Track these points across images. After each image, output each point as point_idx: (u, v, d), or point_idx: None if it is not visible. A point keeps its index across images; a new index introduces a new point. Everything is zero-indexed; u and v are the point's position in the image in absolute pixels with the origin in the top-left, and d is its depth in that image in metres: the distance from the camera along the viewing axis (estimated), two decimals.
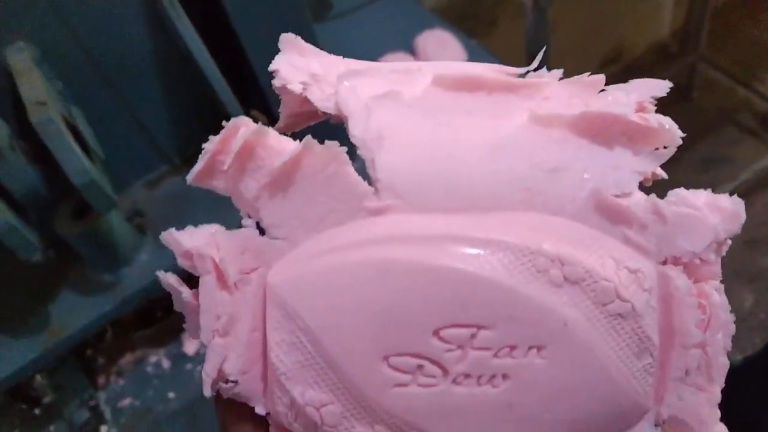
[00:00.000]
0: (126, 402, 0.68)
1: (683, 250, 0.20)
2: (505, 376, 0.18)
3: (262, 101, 0.70)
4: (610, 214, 0.19)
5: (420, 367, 0.18)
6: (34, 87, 0.53)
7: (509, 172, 0.19)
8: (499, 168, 0.19)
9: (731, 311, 0.21)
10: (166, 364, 0.70)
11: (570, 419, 0.19)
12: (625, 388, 0.19)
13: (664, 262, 0.20)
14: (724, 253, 0.21)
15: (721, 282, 0.20)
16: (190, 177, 0.21)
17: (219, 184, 0.21)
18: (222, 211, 0.66)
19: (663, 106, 0.22)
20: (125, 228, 0.63)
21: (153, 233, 0.66)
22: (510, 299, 0.18)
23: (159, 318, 0.71)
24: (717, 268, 0.20)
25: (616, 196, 0.19)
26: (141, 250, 0.65)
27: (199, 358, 0.70)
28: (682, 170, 2.05)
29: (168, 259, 0.66)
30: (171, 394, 0.68)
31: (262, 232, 0.20)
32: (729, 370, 0.84)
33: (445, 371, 0.18)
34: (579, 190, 0.19)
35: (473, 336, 0.18)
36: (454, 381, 0.18)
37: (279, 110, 0.22)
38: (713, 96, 2.19)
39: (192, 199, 0.68)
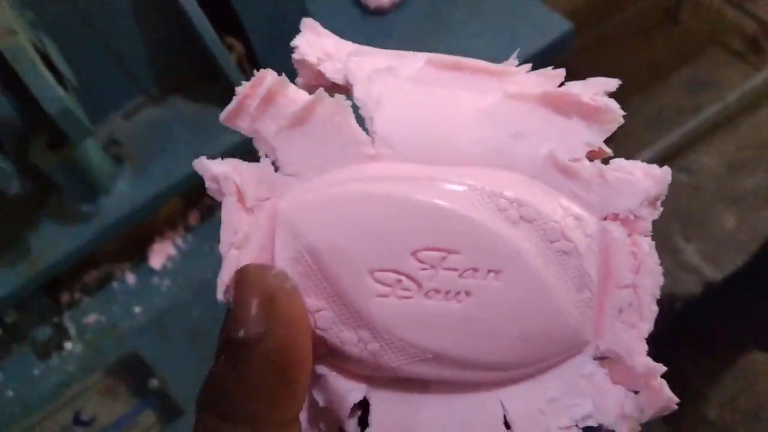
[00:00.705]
0: (91, 318, 0.68)
1: (621, 207, 0.23)
2: (467, 293, 0.22)
3: (237, 29, 0.67)
4: (562, 173, 0.23)
5: (399, 281, 0.22)
6: (4, 16, 0.51)
7: (483, 135, 0.23)
8: (475, 131, 0.24)
9: (715, 232, 0.24)
10: (131, 279, 0.70)
11: (518, 336, 0.22)
12: (566, 315, 0.23)
13: (606, 218, 0.23)
14: (656, 215, 0.24)
15: (650, 236, 0.24)
16: (222, 116, 0.24)
17: (244, 124, 0.24)
18: (198, 142, 0.66)
19: (651, 29, 0.22)
20: (102, 157, 0.62)
21: (131, 163, 0.65)
22: (475, 230, 0.22)
23: (124, 233, 0.70)
24: (648, 225, 0.24)
25: (569, 160, 0.23)
26: (119, 179, 0.64)
27: (166, 272, 0.70)
28: (669, 94, 2.04)
29: (147, 188, 0.65)
30: (137, 309, 0.68)
31: (276, 168, 0.24)
32: (712, 287, 0.87)
33: (419, 286, 0.22)
34: (537, 152, 0.23)
35: (444, 258, 0.22)
36: (426, 295, 0.22)
37: (295, 80, 0.26)
38: (701, 18, 2.15)
39: (169, 129, 0.67)
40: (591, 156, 0.24)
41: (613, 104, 0.25)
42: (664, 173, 0.24)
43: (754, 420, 1.62)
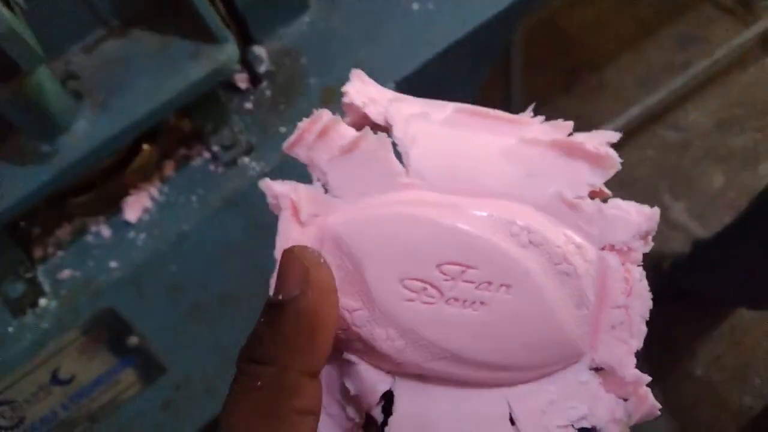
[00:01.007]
0: (65, 273, 0.65)
1: (616, 239, 0.27)
2: (482, 303, 0.26)
3: None
4: (567, 208, 0.28)
5: (424, 289, 0.26)
6: None
7: (501, 172, 0.28)
8: (495, 168, 0.28)
9: (703, 190, 0.24)
10: (106, 232, 0.67)
11: (524, 343, 0.26)
12: (566, 328, 0.26)
13: (603, 248, 0.28)
14: (648, 249, 0.28)
15: (641, 265, 0.28)
16: (284, 145, 0.29)
17: (301, 153, 0.29)
18: (162, 77, 0.62)
19: None
20: (59, 92, 0.58)
21: (91, 99, 0.61)
22: (491, 250, 0.26)
23: (97, 184, 0.67)
24: (640, 255, 0.28)
25: (574, 197, 0.28)
26: (79, 116, 0.59)
27: (142, 225, 0.67)
28: (658, 50, 2.01)
29: (109, 125, 0.61)
30: (113, 264, 0.65)
31: (326, 191, 0.29)
32: (700, 245, 0.87)
33: (441, 294, 0.26)
34: (547, 189, 0.28)
35: (463, 272, 0.26)
36: (446, 302, 0.26)
37: (344, 120, 0.30)
38: None
39: (132, 63, 0.62)
40: (592, 195, 0.28)
41: (613, 153, 0.28)
42: (654, 212, 0.28)
43: (741, 377, 1.63)
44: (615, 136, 0.29)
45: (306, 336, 0.24)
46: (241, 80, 0.71)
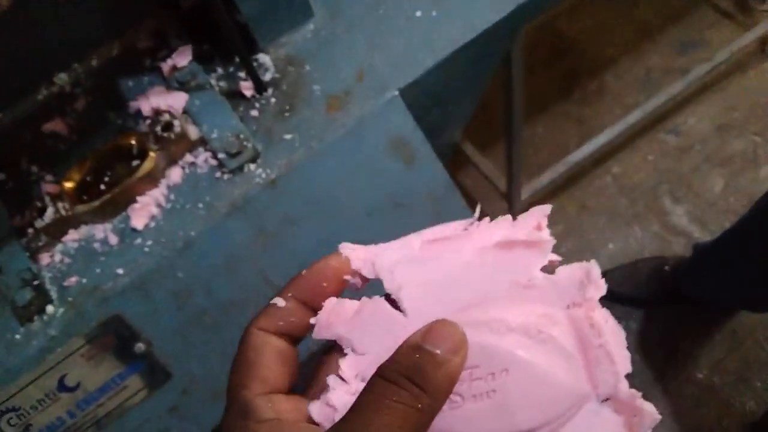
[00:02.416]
0: (72, 280, 0.66)
1: (572, 298, 0.33)
2: (493, 391, 0.32)
3: None
4: (526, 289, 0.34)
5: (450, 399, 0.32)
6: None
7: (469, 282, 0.35)
8: (464, 282, 0.35)
9: (703, 194, 0.26)
10: (113, 239, 0.67)
11: (537, 406, 0.31)
12: (563, 381, 0.32)
13: (568, 307, 0.33)
14: (603, 291, 0.33)
15: (602, 306, 0.33)
16: (314, 335, 0.36)
17: (327, 334, 0.36)
18: None
19: None
20: None
21: None
22: (483, 348, 0.32)
23: (103, 191, 0.67)
24: (596, 300, 0.33)
25: (527, 280, 0.34)
26: None
27: (149, 231, 0.68)
28: (659, 54, 2.02)
29: None
30: (120, 270, 0.65)
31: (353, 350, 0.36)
32: (700, 249, 0.88)
33: (463, 398, 0.32)
34: (506, 282, 0.34)
35: (471, 373, 0.32)
36: (469, 401, 0.32)
37: (350, 281, 0.38)
38: None
39: None
40: (545, 267, 0.34)
41: (543, 235, 0.35)
42: (590, 265, 0.34)
43: (742, 381, 1.63)
44: (547, 209, 0.36)
45: (445, 392, 0.31)
46: (246, 88, 0.71)
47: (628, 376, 0.32)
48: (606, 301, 0.32)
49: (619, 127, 1.74)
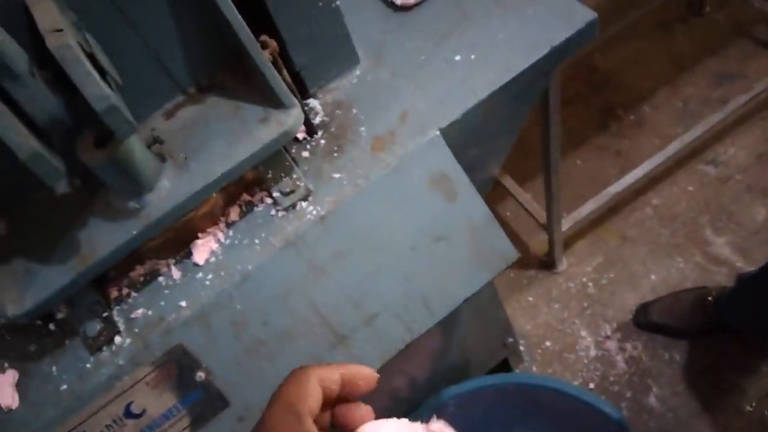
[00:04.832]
0: (139, 312, 0.71)
1: None
2: None
3: (270, 26, 0.70)
4: None
5: None
6: (49, 15, 0.54)
7: None
8: None
9: (745, 224, 0.31)
10: (176, 274, 0.72)
11: None
12: None
13: None
14: None
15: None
16: None
17: None
18: (235, 139, 0.69)
19: (675, 22, 0.24)
20: (146, 155, 0.64)
21: (173, 160, 0.68)
22: None
23: (167, 229, 0.72)
24: None
25: None
26: (162, 176, 0.66)
27: (209, 266, 0.72)
28: (695, 86, 2.03)
29: (188, 186, 0.67)
30: (183, 303, 0.70)
31: None
32: (744, 279, 0.89)
33: None
34: None
35: None
36: None
37: None
38: (726, 10, 2.14)
39: (207, 127, 0.69)
40: None
41: None
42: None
43: None
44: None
45: None
46: (299, 131, 0.76)
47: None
48: (649, 331, 0.33)
49: (658, 159, 1.75)
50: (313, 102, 0.79)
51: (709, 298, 1.65)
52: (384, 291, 0.74)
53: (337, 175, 0.74)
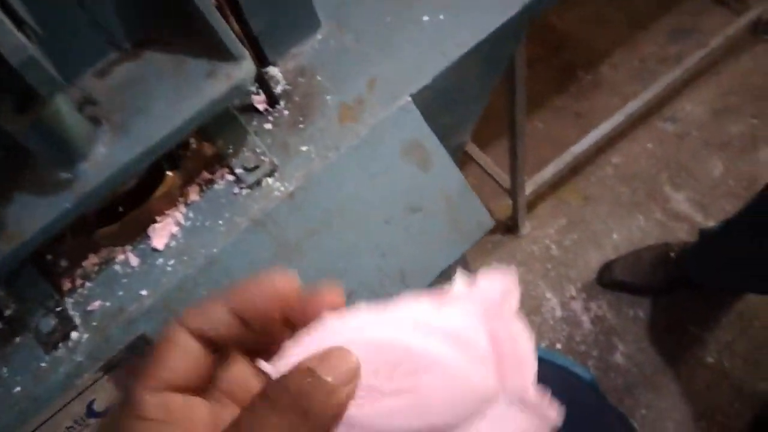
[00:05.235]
0: (96, 304, 0.65)
1: (487, 304, 0.35)
2: (413, 388, 0.33)
3: None
4: (449, 296, 0.36)
5: (371, 391, 0.33)
6: None
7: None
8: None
9: (703, 179, 0.26)
10: (134, 261, 0.66)
11: (452, 403, 0.33)
12: (477, 381, 0.34)
13: (487, 314, 0.35)
14: (515, 305, 0.35)
15: (517, 313, 0.35)
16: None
17: None
18: (179, 98, 0.62)
19: None
20: (77, 119, 0.57)
21: (109, 124, 0.60)
22: (407, 348, 0.33)
23: (122, 213, 0.66)
24: (510, 305, 0.35)
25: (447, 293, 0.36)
26: (97, 142, 0.59)
27: (170, 251, 0.67)
28: (652, 43, 2.03)
29: (127, 152, 0.60)
30: (143, 292, 0.65)
31: None
32: (707, 234, 0.89)
33: (383, 393, 0.33)
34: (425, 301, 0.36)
35: (393, 370, 0.33)
36: (389, 396, 0.33)
37: None
38: None
39: (147, 85, 0.62)
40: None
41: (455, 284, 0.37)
42: (509, 274, 0.36)
43: (752, 363, 1.64)
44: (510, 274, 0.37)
45: (329, 420, 0.31)
46: (259, 102, 0.71)
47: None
48: (613, 290, 0.32)
49: (618, 118, 1.74)
50: (273, 70, 0.73)
51: (671, 254, 1.67)
52: (359, 268, 0.71)
53: (304, 148, 0.70)
